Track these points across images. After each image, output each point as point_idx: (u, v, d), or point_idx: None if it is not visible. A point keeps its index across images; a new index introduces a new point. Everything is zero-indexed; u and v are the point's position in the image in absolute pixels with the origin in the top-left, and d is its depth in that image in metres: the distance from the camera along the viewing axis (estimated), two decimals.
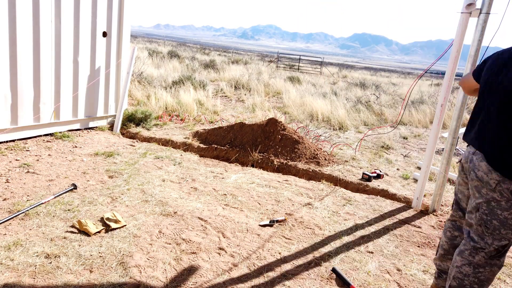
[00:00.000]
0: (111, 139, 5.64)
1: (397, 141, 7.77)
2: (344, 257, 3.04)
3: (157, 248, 2.87)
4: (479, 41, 3.64)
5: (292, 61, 33.31)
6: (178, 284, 2.48)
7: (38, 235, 2.85)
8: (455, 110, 3.89)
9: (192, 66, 17.40)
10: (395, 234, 3.56)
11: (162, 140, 6.01)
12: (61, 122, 5.47)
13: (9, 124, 4.77)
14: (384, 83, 21.84)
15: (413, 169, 5.79)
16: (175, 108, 8.10)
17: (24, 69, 4.76)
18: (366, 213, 3.97)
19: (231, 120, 7.75)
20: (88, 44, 5.55)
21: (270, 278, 2.66)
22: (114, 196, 3.67)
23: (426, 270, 2.99)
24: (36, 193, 3.55)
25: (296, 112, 9.30)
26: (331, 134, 7.53)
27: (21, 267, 2.46)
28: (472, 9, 3.64)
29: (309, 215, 3.75)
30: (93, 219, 3.17)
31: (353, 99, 12.36)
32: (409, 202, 4.42)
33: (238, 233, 3.24)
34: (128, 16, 6.11)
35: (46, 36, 4.93)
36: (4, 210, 3.17)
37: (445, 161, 4.03)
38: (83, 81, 5.62)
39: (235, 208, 3.74)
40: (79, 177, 4.06)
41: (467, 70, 3.74)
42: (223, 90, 11.73)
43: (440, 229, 3.79)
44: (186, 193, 3.98)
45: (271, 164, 5.32)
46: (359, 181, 4.90)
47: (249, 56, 38.72)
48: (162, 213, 3.44)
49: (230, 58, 27.81)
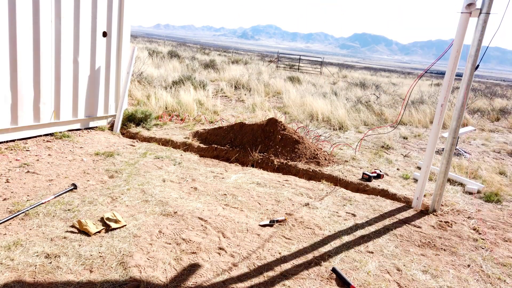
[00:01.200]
0: (111, 139, 5.64)
1: (397, 141, 7.77)
2: (344, 257, 3.04)
3: (157, 248, 2.87)
4: (479, 41, 3.64)
5: (292, 61, 33.31)
6: (178, 284, 2.48)
7: (38, 235, 2.85)
8: (455, 110, 3.89)
9: (192, 66, 17.40)
10: (395, 234, 3.56)
11: (162, 140, 6.01)
12: (61, 122, 5.47)
13: (9, 124, 4.77)
14: (384, 83, 21.85)
15: (413, 169, 5.79)
16: (175, 108, 8.10)
17: (24, 69, 4.76)
18: (366, 213, 3.97)
19: (231, 120, 7.75)
20: (88, 44, 5.55)
21: (270, 278, 2.66)
22: (114, 196, 3.67)
23: (426, 270, 2.99)
24: (36, 193, 3.55)
25: (296, 112, 9.31)
26: (331, 134, 7.53)
27: (21, 267, 2.46)
28: (472, 9, 3.64)
29: (309, 215, 3.75)
30: (93, 219, 3.17)
31: (353, 99, 12.36)
32: (409, 202, 4.42)
33: (238, 233, 3.24)
34: (128, 16, 6.11)
35: (46, 36, 4.93)
36: (4, 210, 3.17)
37: (445, 161, 4.03)
38: (83, 81, 5.61)
39: (235, 208, 3.74)
40: (79, 177, 4.06)
41: (467, 70, 3.75)
42: (223, 90, 11.73)
43: (440, 229, 3.79)
44: (186, 193, 3.98)
45: (271, 164, 5.32)
46: (359, 181, 4.90)
47: (249, 56, 38.72)
48: (162, 213, 3.44)
49: (230, 58, 27.82)
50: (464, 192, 5.01)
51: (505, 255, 3.39)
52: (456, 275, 2.97)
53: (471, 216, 4.20)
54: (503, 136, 9.96)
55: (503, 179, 5.75)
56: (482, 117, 12.65)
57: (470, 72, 3.73)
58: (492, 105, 15.49)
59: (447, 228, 3.81)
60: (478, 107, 14.56)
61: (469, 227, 3.91)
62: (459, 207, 4.43)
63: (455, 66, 3.84)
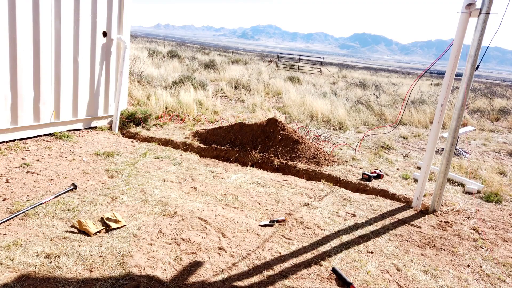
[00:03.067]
0: (111, 139, 5.64)
1: (397, 141, 7.77)
2: (344, 257, 3.04)
3: (157, 248, 2.87)
4: (479, 41, 3.64)
5: (292, 61, 33.31)
6: (178, 284, 2.48)
7: (38, 235, 2.85)
8: (455, 110, 3.89)
9: (192, 66, 17.40)
10: (395, 234, 3.56)
11: (162, 140, 6.01)
12: (61, 122, 5.47)
13: (9, 124, 4.77)
14: (384, 83, 21.85)
15: (413, 169, 5.79)
16: (175, 108, 8.10)
17: (24, 69, 4.76)
18: (366, 213, 3.97)
19: (231, 120, 7.75)
20: (88, 44, 5.55)
21: (270, 278, 2.66)
22: (114, 196, 3.67)
23: (426, 270, 2.99)
24: (36, 193, 3.55)
25: (296, 112, 9.31)
26: (331, 134, 7.53)
27: (21, 267, 2.46)
28: (472, 9, 3.64)
29: (309, 215, 3.75)
30: (93, 219, 3.17)
31: (353, 99, 12.36)
32: (409, 202, 4.42)
33: (238, 233, 3.24)
34: (128, 16, 6.11)
35: (46, 36, 4.93)
36: (4, 210, 3.17)
37: (445, 161, 4.03)
38: (83, 81, 5.61)
39: (235, 208, 3.74)
40: (79, 177, 4.06)
41: (467, 70, 3.75)
42: (223, 90, 11.73)
43: (440, 229, 3.79)
44: (186, 193, 3.98)
45: (271, 164, 5.32)
46: (359, 181, 4.90)
47: (249, 56, 38.73)
48: (162, 213, 3.44)
49: (230, 58, 27.82)
50: (464, 192, 5.01)
51: (505, 255, 3.40)
52: (456, 275, 2.97)
53: (471, 216, 4.20)
54: (503, 136, 9.96)
55: (503, 179, 5.76)
56: (482, 117, 12.65)
57: (470, 72, 3.73)
58: (492, 105, 15.49)
59: (447, 228, 3.81)
60: (478, 107, 14.57)
61: (469, 227, 3.91)
62: (459, 207, 4.43)
63: (455, 66, 3.84)
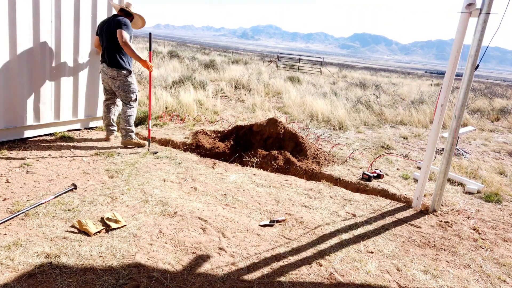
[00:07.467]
0: (111, 139, 5.63)
1: (397, 141, 7.77)
2: (344, 257, 3.04)
3: (157, 248, 2.87)
4: (479, 41, 3.64)
5: (292, 61, 33.31)
6: (178, 284, 2.48)
7: (38, 235, 2.85)
8: (455, 110, 3.89)
9: (192, 66, 17.40)
10: (395, 234, 3.56)
11: (162, 140, 6.01)
12: (61, 122, 5.47)
13: (9, 124, 4.77)
14: (384, 83, 21.85)
15: (413, 169, 5.79)
16: (175, 108, 8.10)
17: (24, 69, 4.75)
18: (366, 213, 3.97)
19: (231, 120, 7.75)
20: (88, 44, 5.54)
21: (270, 278, 2.66)
22: (114, 196, 3.67)
23: (426, 270, 2.99)
24: (36, 193, 3.55)
25: (296, 112, 9.31)
26: (331, 134, 7.53)
27: (21, 267, 2.46)
28: (472, 9, 3.64)
29: (309, 215, 3.75)
30: (93, 219, 3.17)
31: (353, 99, 12.36)
32: (409, 202, 4.42)
33: (238, 233, 3.24)
34: None
35: (46, 36, 4.92)
36: (4, 210, 3.17)
37: (445, 161, 4.03)
38: (83, 81, 5.61)
39: (235, 208, 3.74)
40: (79, 177, 4.06)
41: (467, 70, 3.75)
42: (223, 90, 11.73)
43: (440, 229, 3.79)
44: (186, 193, 3.98)
45: (271, 164, 5.32)
46: (359, 181, 4.90)
47: (249, 56, 38.72)
48: (162, 213, 3.44)
49: (230, 58, 27.82)
50: (464, 192, 5.01)
51: (505, 255, 3.39)
52: (456, 275, 2.97)
53: (471, 216, 4.20)
54: (503, 136, 9.96)
55: (503, 179, 5.76)
56: (482, 117, 12.65)
57: (470, 72, 3.73)
58: (492, 105, 15.49)
59: (447, 228, 3.81)
60: (478, 107, 14.56)
61: (469, 227, 3.91)
62: (459, 207, 4.43)
63: (455, 66, 3.84)
